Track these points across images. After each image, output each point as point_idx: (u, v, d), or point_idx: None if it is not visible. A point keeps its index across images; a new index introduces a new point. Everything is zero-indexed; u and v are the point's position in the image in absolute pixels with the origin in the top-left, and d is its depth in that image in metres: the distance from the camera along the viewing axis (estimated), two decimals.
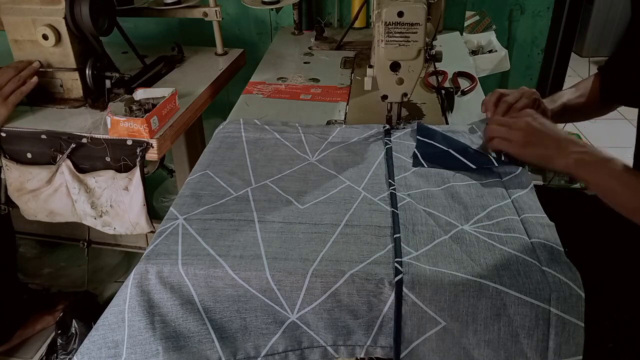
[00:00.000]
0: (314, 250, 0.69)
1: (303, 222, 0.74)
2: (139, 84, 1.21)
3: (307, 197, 0.80)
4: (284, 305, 0.66)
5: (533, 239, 0.69)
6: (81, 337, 1.31)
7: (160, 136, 1.02)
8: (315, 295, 0.65)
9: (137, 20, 1.70)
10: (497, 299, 0.61)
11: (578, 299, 0.60)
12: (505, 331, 0.61)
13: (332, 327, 0.66)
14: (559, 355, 0.61)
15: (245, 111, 1.10)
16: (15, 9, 1.09)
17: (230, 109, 1.11)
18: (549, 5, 2.05)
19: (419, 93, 1.14)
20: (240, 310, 0.67)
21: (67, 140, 1.04)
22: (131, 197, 1.05)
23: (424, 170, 0.86)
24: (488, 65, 1.96)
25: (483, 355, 0.62)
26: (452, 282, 0.62)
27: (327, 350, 0.67)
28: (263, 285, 0.66)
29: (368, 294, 0.64)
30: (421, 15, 0.86)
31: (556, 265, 0.64)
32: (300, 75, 1.28)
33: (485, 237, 0.70)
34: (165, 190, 1.72)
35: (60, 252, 1.67)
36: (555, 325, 0.60)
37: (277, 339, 0.67)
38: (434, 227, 0.72)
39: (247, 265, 0.66)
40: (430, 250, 0.68)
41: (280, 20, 1.74)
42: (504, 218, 0.73)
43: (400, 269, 0.64)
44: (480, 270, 0.64)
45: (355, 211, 0.76)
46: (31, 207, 1.12)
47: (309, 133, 0.98)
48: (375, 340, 0.66)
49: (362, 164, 0.88)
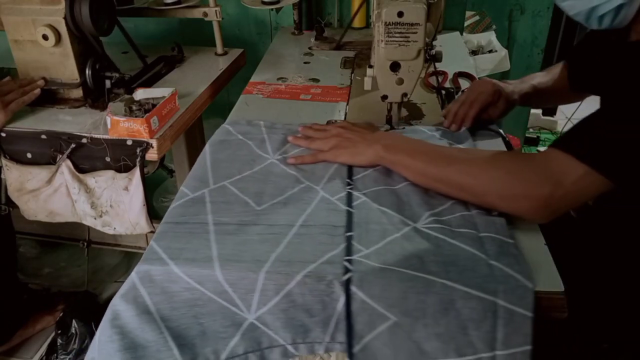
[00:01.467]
0: (267, 251, 0.69)
1: (258, 224, 0.75)
2: (139, 84, 1.21)
3: (265, 198, 0.80)
4: (240, 306, 0.66)
5: (482, 234, 0.70)
6: (81, 337, 1.31)
7: (160, 136, 1.02)
8: (269, 296, 0.66)
9: (137, 20, 1.70)
10: (445, 294, 0.62)
11: (526, 291, 0.61)
12: (454, 324, 0.63)
13: (289, 326, 0.67)
14: (507, 346, 0.62)
15: (245, 111, 1.10)
16: (15, 9, 1.09)
17: (230, 109, 1.11)
18: (548, 5, 2.05)
19: (419, 93, 1.14)
20: (197, 316, 0.67)
21: (67, 140, 1.04)
22: (131, 197, 1.05)
23: (381, 169, 0.86)
24: (488, 65, 1.96)
25: (434, 348, 0.63)
26: (400, 278, 0.64)
27: (287, 349, 0.68)
28: (217, 288, 0.66)
29: (320, 294, 0.65)
30: (421, 15, 0.86)
31: (504, 258, 0.66)
32: (300, 75, 1.28)
33: (437, 233, 0.71)
34: (165, 190, 1.72)
35: (60, 252, 1.67)
36: (502, 317, 0.61)
37: (237, 341, 0.67)
38: (387, 225, 0.73)
39: (199, 268, 0.66)
40: (381, 248, 0.69)
41: (280, 20, 1.74)
42: (455, 215, 0.75)
43: (349, 267, 0.65)
44: (429, 266, 0.65)
45: (312, 211, 0.77)
46: (31, 207, 1.12)
47: (273, 133, 0.98)
48: (333, 337, 0.67)
49: (323, 163, 0.89)
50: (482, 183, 0.73)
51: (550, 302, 0.63)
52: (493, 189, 0.72)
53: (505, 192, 0.71)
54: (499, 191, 0.72)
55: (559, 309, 0.64)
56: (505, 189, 0.71)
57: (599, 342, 0.85)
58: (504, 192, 0.71)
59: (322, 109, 1.10)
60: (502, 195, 0.72)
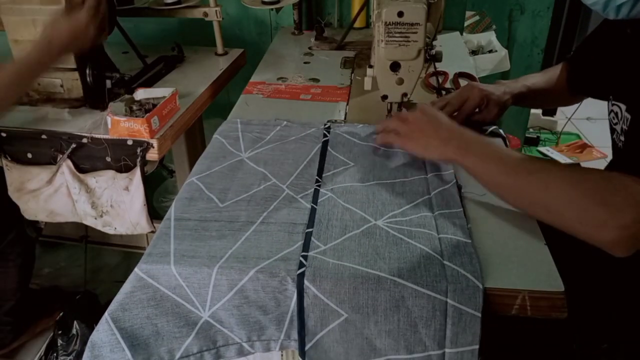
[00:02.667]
0: (223, 248, 0.69)
1: (219, 220, 0.75)
2: (139, 84, 1.21)
3: (230, 195, 0.81)
4: (194, 302, 0.67)
5: (441, 235, 0.71)
6: (82, 338, 1.31)
7: (161, 136, 1.02)
8: (223, 292, 0.66)
9: (137, 20, 1.70)
10: (395, 292, 0.63)
11: (475, 291, 0.62)
12: (404, 322, 0.64)
13: (244, 324, 0.67)
14: (456, 344, 0.63)
15: (245, 111, 1.10)
16: (15, 9, 1.09)
17: (230, 109, 1.11)
18: (549, 5, 2.05)
19: (419, 93, 1.14)
20: (150, 317, 0.67)
21: (67, 140, 1.04)
22: (131, 197, 1.05)
23: (354, 168, 0.87)
24: (488, 65, 1.96)
25: (384, 344, 0.65)
26: (352, 275, 0.64)
27: (243, 346, 0.69)
28: (172, 282, 0.66)
29: (273, 291, 0.65)
30: (421, 15, 0.86)
31: (457, 258, 0.66)
32: (300, 75, 1.28)
33: (395, 232, 0.72)
34: (165, 190, 1.72)
35: (60, 252, 1.67)
36: (452, 316, 0.62)
37: (191, 340, 0.68)
38: (348, 221, 0.74)
39: (154, 263, 0.67)
40: (339, 244, 0.70)
41: (280, 20, 1.74)
42: (418, 215, 0.75)
43: (304, 262, 0.66)
44: (383, 263, 0.66)
45: (274, 209, 0.77)
46: (31, 207, 1.12)
47: (248, 131, 0.99)
48: (288, 335, 0.67)
49: (293, 161, 0.89)
50: (557, 201, 0.67)
51: (550, 302, 0.64)
52: (571, 209, 0.66)
53: (585, 217, 0.65)
54: (578, 214, 0.65)
55: (559, 309, 0.64)
56: (584, 212, 0.65)
57: (599, 342, 0.85)
58: (583, 215, 0.65)
59: (322, 109, 1.10)
60: (582, 220, 0.65)
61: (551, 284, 0.64)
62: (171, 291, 0.67)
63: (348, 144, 0.94)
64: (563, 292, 0.63)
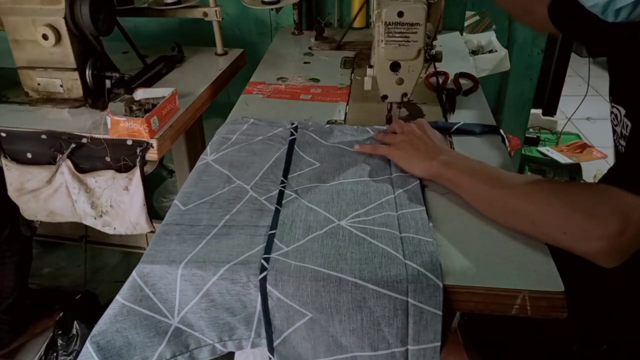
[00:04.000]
0: (183, 252, 0.68)
1: (180, 224, 0.74)
2: (139, 84, 1.21)
3: (193, 198, 0.80)
4: (162, 310, 0.67)
5: (403, 234, 0.71)
6: (82, 338, 1.31)
7: (160, 136, 1.02)
8: (189, 297, 0.66)
9: (137, 20, 1.70)
10: (357, 293, 0.63)
11: (435, 289, 0.62)
12: (367, 321, 0.64)
13: (214, 326, 0.67)
14: (418, 341, 0.64)
15: (245, 111, 1.10)
16: (15, 9, 1.09)
17: (230, 109, 1.11)
18: None
19: (419, 93, 1.14)
20: (119, 330, 0.67)
21: (67, 140, 1.04)
22: (131, 197, 1.05)
23: (319, 168, 0.87)
24: (488, 65, 1.96)
25: (350, 342, 0.65)
26: (314, 277, 0.64)
27: (216, 347, 0.69)
28: (137, 295, 0.66)
29: (238, 294, 0.65)
30: (421, 15, 0.86)
31: (418, 257, 0.66)
32: (300, 75, 1.28)
33: (359, 232, 0.71)
34: (165, 190, 1.72)
35: (60, 252, 1.67)
36: (413, 315, 0.63)
37: (163, 347, 0.68)
38: (311, 222, 0.74)
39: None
40: (301, 245, 0.69)
41: (280, 20, 1.74)
42: (381, 214, 0.75)
43: (265, 265, 0.66)
44: (344, 264, 0.66)
45: (236, 212, 0.76)
46: (31, 207, 1.12)
47: (217, 134, 0.98)
48: (258, 333, 0.68)
49: (258, 163, 0.88)
50: (541, 212, 0.67)
51: (550, 302, 0.63)
52: (555, 220, 0.66)
53: (569, 227, 0.64)
54: (562, 224, 0.65)
55: (559, 309, 0.64)
56: (568, 222, 0.64)
57: (598, 342, 0.85)
58: (567, 226, 0.65)
59: (322, 109, 1.10)
60: (566, 230, 0.65)
61: (551, 284, 0.64)
62: (137, 305, 0.66)
63: (315, 144, 0.94)
64: (563, 292, 0.63)
